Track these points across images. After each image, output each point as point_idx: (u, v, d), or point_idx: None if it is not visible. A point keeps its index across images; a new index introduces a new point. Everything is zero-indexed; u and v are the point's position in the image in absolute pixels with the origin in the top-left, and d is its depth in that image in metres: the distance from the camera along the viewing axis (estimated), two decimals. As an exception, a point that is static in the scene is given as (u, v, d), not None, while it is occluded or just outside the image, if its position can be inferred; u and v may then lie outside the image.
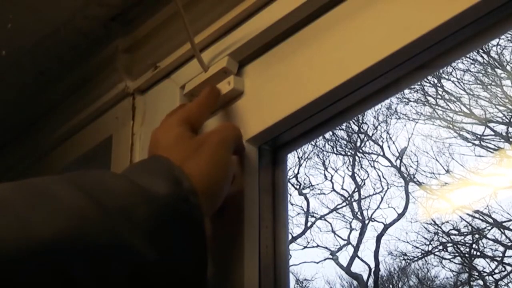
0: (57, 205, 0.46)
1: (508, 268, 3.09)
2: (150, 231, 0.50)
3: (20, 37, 0.88)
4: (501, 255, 3.08)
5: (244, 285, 0.66)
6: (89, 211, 0.47)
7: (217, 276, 0.67)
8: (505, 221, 3.01)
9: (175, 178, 0.56)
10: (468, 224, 3.14)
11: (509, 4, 0.56)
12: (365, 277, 3.44)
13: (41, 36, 0.88)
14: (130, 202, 0.50)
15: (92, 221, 0.47)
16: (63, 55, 0.92)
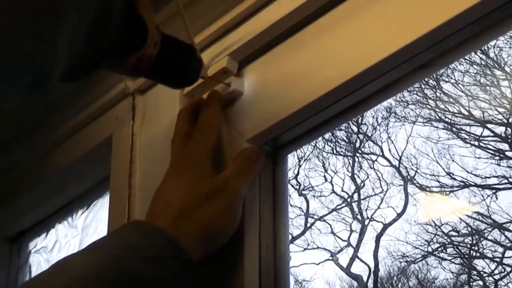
0: None
1: (508, 269, 3.10)
2: None
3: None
4: (500, 255, 3.09)
5: (244, 285, 0.66)
6: None
7: (217, 276, 0.67)
8: (505, 222, 3.01)
9: (170, 257, 0.57)
10: (467, 225, 3.14)
11: (509, 4, 0.56)
12: (365, 278, 3.44)
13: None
14: None
15: None
16: (63, 55, 0.91)
